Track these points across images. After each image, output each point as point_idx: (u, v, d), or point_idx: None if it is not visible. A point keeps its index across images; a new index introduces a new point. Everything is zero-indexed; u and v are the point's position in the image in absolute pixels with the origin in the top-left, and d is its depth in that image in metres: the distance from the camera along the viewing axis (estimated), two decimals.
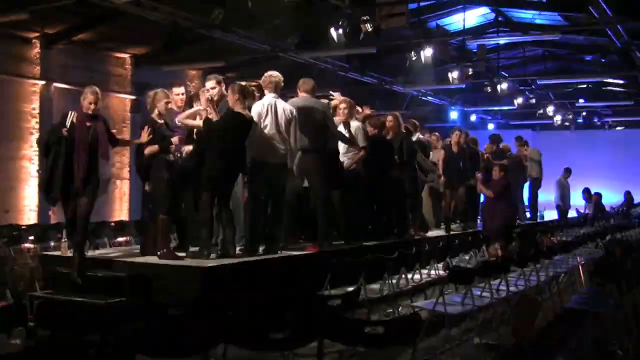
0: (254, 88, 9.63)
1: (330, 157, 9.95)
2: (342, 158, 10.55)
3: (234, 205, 9.02)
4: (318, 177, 9.75)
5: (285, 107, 9.16)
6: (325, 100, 10.74)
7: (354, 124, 10.71)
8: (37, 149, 14.67)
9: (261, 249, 9.03)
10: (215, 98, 8.83)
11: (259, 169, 8.98)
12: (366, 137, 10.78)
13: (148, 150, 8.59)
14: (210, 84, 9.05)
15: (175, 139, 8.64)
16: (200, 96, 8.83)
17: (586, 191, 20.34)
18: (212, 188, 8.47)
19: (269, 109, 9.01)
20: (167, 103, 8.78)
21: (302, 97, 9.80)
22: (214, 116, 8.48)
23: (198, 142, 8.88)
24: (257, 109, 8.99)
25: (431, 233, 13.06)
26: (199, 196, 8.62)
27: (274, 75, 9.33)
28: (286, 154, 9.12)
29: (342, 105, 10.69)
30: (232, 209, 8.84)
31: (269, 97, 9.15)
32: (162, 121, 8.74)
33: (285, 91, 10.15)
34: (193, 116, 8.96)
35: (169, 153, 8.62)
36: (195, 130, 8.93)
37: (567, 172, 19.70)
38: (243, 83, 9.37)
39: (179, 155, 8.86)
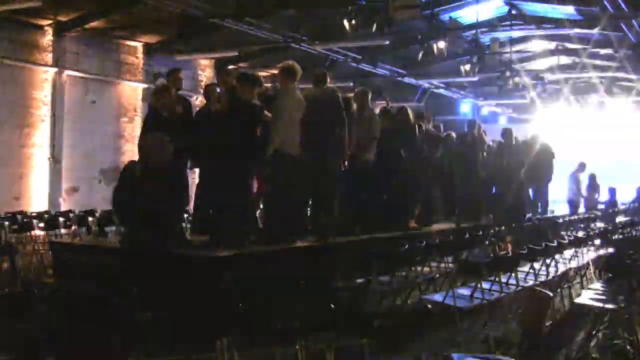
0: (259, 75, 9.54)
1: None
2: None
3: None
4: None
5: (301, 99, 9.13)
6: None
7: (366, 114, 10.76)
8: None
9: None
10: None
11: (281, 160, 8.92)
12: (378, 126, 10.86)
13: None
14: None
15: None
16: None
17: (592, 177, 20.28)
18: (221, 177, 8.45)
19: (296, 100, 9.01)
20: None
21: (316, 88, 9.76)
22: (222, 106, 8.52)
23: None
24: (293, 101, 8.95)
25: (441, 226, 13.03)
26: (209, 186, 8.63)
27: (297, 65, 9.27)
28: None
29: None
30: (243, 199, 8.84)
31: (296, 88, 9.12)
32: (165, 113, 8.76)
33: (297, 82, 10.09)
34: None
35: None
36: None
37: (582, 166, 19.68)
38: (248, 72, 9.36)
39: None
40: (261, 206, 10.08)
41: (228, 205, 8.48)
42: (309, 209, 10.36)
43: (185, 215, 12.53)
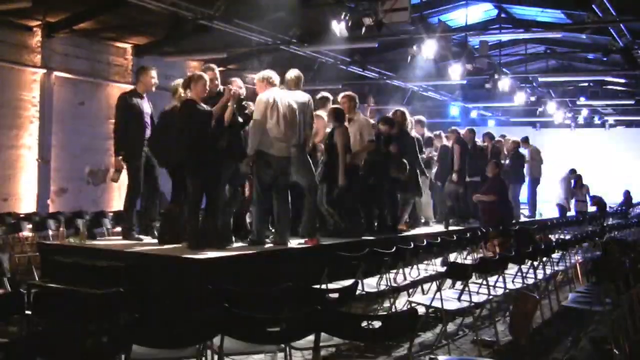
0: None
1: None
2: None
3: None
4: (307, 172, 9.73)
5: (290, 101, 9.19)
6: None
7: (359, 118, 10.83)
8: None
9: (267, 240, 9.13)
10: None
11: (264, 161, 9.02)
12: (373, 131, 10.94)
13: None
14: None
15: None
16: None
17: (578, 179, 20.48)
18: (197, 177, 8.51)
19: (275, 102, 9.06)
20: None
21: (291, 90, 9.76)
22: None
23: None
24: (262, 104, 9.00)
25: (430, 229, 13.06)
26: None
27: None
28: (289, 148, 9.15)
29: (342, 100, 10.78)
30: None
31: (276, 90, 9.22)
32: None
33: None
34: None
35: None
36: None
37: (573, 172, 19.90)
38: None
39: None
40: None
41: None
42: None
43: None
